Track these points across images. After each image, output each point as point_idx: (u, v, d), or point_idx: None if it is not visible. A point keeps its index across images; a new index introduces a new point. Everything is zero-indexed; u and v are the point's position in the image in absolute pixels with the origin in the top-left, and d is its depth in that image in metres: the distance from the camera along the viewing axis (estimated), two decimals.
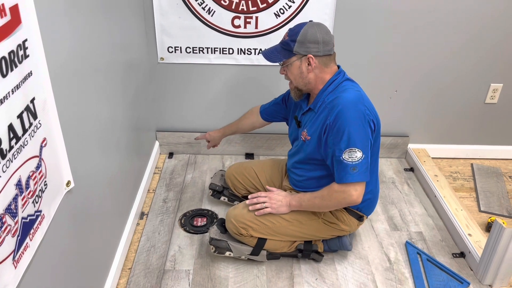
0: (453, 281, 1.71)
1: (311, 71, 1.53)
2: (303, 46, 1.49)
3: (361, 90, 1.56)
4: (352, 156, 1.44)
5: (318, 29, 1.50)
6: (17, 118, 0.87)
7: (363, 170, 1.46)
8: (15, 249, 0.89)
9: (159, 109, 2.40)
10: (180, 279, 1.68)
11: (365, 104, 1.49)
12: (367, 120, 1.46)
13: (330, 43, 1.52)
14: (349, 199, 1.48)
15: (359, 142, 1.44)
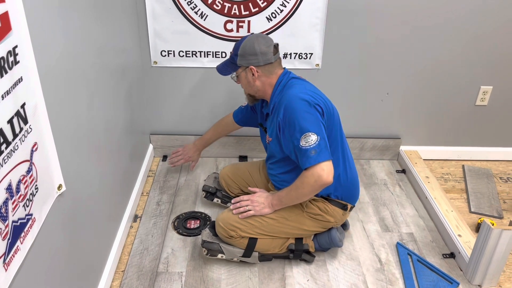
0: (443, 282, 1.73)
1: (256, 79, 1.66)
2: (244, 59, 1.64)
3: (306, 83, 1.67)
4: (308, 140, 1.50)
5: (256, 42, 1.63)
6: (7, 123, 0.89)
7: (322, 150, 1.50)
8: (6, 252, 0.90)
9: (153, 113, 2.41)
10: (173, 281, 1.70)
11: (308, 93, 1.58)
12: (312, 106, 1.55)
13: (269, 52, 1.63)
14: (320, 179, 1.51)
15: (311, 126, 1.51)
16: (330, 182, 1.52)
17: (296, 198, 1.63)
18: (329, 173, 1.51)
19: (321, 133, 1.52)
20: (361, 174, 2.42)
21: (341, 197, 1.73)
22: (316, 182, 1.52)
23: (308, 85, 1.67)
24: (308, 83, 1.69)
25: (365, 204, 2.17)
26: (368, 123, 2.48)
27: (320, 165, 1.50)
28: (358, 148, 2.52)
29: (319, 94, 1.64)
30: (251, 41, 1.63)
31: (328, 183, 1.52)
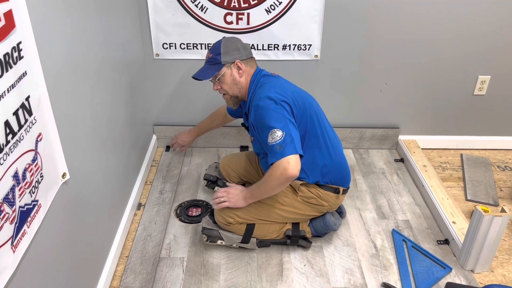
0: (436, 267, 1.78)
1: (242, 74, 1.73)
2: (228, 55, 1.70)
3: (276, 80, 1.72)
4: (274, 136, 1.55)
5: (234, 39, 1.74)
6: (13, 115, 0.95)
7: (288, 145, 1.53)
8: (13, 235, 0.97)
9: (156, 104, 2.47)
10: (175, 266, 1.77)
11: (276, 91, 1.63)
12: (278, 103, 1.59)
13: (248, 48, 1.76)
14: (285, 172, 1.53)
15: (276, 123, 1.56)
16: (296, 175, 1.54)
17: (266, 192, 1.67)
18: (294, 166, 1.53)
19: (287, 129, 1.55)
20: (360, 163, 2.46)
21: (331, 182, 1.78)
22: (282, 175, 1.55)
23: (278, 82, 1.71)
24: (277, 80, 1.73)
25: (363, 192, 2.22)
26: (367, 113, 2.52)
27: (286, 158, 1.53)
28: (357, 137, 2.56)
29: (288, 89, 1.67)
30: (229, 39, 1.73)
31: (293, 176, 1.55)
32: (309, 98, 1.75)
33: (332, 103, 2.47)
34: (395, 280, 1.72)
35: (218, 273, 1.74)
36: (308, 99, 1.74)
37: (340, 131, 2.53)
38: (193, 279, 1.71)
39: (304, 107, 1.68)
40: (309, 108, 1.70)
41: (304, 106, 1.68)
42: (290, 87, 1.72)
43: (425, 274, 1.74)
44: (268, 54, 2.30)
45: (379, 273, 1.75)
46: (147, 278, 1.71)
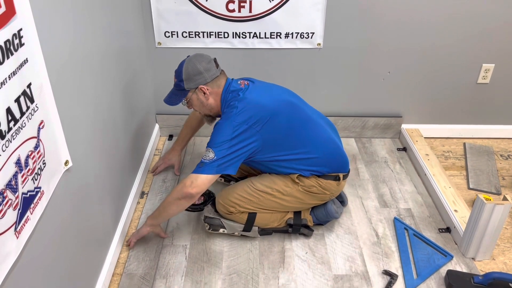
0: (437, 254, 1.79)
1: (208, 97, 1.70)
2: (191, 82, 1.66)
3: (240, 98, 1.65)
4: (206, 155, 1.59)
5: (196, 61, 1.66)
6: (14, 102, 0.95)
7: (208, 167, 1.57)
8: (17, 221, 0.98)
9: (158, 93, 2.47)
10: (178, 253, 1.78)
11: (237, 112, 1.60)
12: (232, 126, 1.59)
13: (212, 68, 1.68)
14: (184, 188, 1.58)
15: (216, 146, 1.58)
16: (192, 194, 1.57)
17: (164, 208, 1.68)
18: (195, 186, 1.56)
19: (220, 154, 1.57)
20: (362, 152, 2.46)
21: (329, 171, 1.77)
22: (181, 189, 1.59)
23: (243, 100, 1.63)
24: (244, 96, 1.65)
25: (365, 181, 2.22)
26: (369, 102, 2.51)
27: (194, 175, 1.58)
28: (360, 126, 2.56)
29: (253, 105, 1.62)
30: (191, 63, 1.66)
31: (189, 195, 1.57)
32: (284, 100, 1.71)
33: (334, 92, 2.46)
34: (396, 268, 1.73)
35: (221, 260, 1.75)
36: (283, 101, 1.70)
37: (343, 120, 2.53)
38: (196, 266, 1.72)
39: (275, 114, 1.64)
40: (284, 112, 1.67)
41: (275, 113, 1.64)
42: (259, 98, 1.65)
43: (426, 261, 1.75)
44: (270, 42, 2.29)
45: (380, 260, 1.76)
46: (150, 265, 1.72)
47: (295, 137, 1.71)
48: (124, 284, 1.65)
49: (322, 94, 2.46)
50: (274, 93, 1.74)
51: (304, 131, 1.73)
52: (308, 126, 1.75)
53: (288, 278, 1.69)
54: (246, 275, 1.69)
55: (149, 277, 1.67)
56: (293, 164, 1.74)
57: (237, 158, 1.60)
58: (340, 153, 1.82)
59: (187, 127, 2.20)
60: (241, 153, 1.61)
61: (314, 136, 1.75)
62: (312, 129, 1.76)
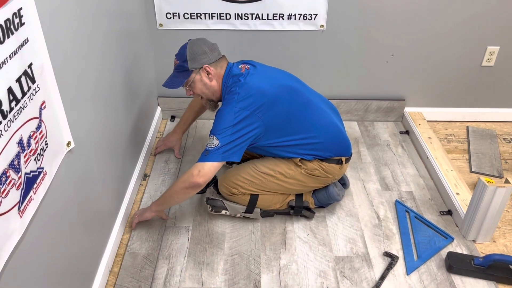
0: (438, 237, 1.80)
1: (212, 79, 1.69)
2: (195, 61, 1.65)
3: (241, 83, 1.63)
4: (210, 142, 1.58)
5: (200, 42, 1.67)
6: (15, 82, 0.95)
7: (214, 154, 1.56)
8: (20, 201, 0.98)
9: (160, 75, 2.45)
10: (180, 234, 1.80)
11: (239, 98, 1.59)
12: (233, 112, 1.57)
13: (216, 48, 1.69)
14: (191, 178, 1.57)
15: (219, 132, 1.57)
16: (199, 184, 1.57)
17: (169, 196, 1.67)
18: (202, 175, 1.55)
19: (224, 140, 1.56)
20: (365, 135, 2.46)
21: (331, 155, 1.77)
22: (188, 178, 1.58)
23: (245, 84, 1.62)
24: (245, 80, 1.63)
25: (367, 164, 2.22)
26: (372, 85, 2.49)
27: (200, 164, 1.57)
28: (363, 109, 2.55)
29: (254, 90, 1.61)
30: (195, 43, 1.66)
31: (196, 184, 1.57)
32: (285, 85, 1.69)
33: (337, 75, 2.45)
34: (397, 250, 1.74)
35: (223, 242, 1.77)
36: (284, 86, 1.68)
37: (345, 103, 2.52)
38: (198, 247, 1.74)
39: (276, 100, 1.63)
40: (285, 98, 1.66)
41: (276, 99, 1.63)
42: (260, 84, 1.63)
43: (427, 243, 1.76)
44: (273, 24, 2.27)
45: (381, 242, 1.77)
46: (153, 246, 1.74)
47: (297, 122, 1.70)
48: (127, 263, 1.67)
49: (324, 77, 2.45)
50: (275, 78, 1.72)
51: (306, 116, 1.72)
52: (310, 111, 1.74)
53: (290, 259, 1.70)
54: (248, 256, 1.71)
55: (152, 258, 1.69)
56: (296, 149, 1.73)
57: (241, 145, 1.59)
58: (342, 137, 1.82)
59: (190, 110, 2.19)
60: (244, 139, 1.60)
61: (316, 121, 1.75)
62: (314, 113, 1.75)
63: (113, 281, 1.60)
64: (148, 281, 1.60)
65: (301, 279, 1.62)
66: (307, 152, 1.74)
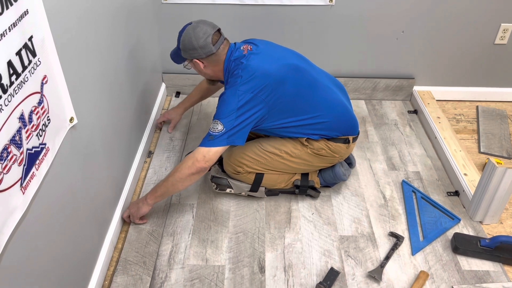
0: (445, 217, 1.78)
1: (202, 70, 1.68)
2: (186, 53, 1.64)
3: (243, 65, 1.58)
4: (214, 127, 1.55)
5: (193, 35, 1.59)
6: (15, 55, 0.92)
7: (219, 139, 1.54)
8: (22, 177, 0.97)
9: (165, 51, 2.41)
10: (185, 211, 1.79)
11: (241, 81, 1.55)
12: (236, 96, 1.54)
13: (208, 45, 1.59)
14: (196, 163, 1.54)
15: (223, 116, 1.55)
16: (205, 168, 1.56)
17: (172, 184, 1.60)
18: (207, 160, 1.55)
19: (229, 125, 1.53)
20: (372, 114, 2.42)
21: (338, 134, 1.74)
22: (193, 164, 1.55)
23: (247, 67, 1.57)
24: (247, 62, 1.59)
25: (374, 143, 2.19)
26: (381, 63, 2.44)
27: (205, 149, 1.55)
28: (371, 88, 2.50)
29: (257, 72, 1.56)
30: (188, 36, 1.59)
31: (203, 169, 1.56)
32: (289, 65, 1.64)
33: (345, 52, 2.39)
34: (403, 230, 1.73)
35: (227, 220, 1.76)
36: (289, 65, 1.63)
37: (353, 81, 2.47)
38: (203, 225, 1.74)
39: (280, 81, 1.59)
40: (290, 78, 1.61)
41: (280, 80, 1.59)
42: (263, 65, 1.58)
43: (433, 224, 1.74)
44: None
45: (386, 222, 1.76)
46: (158, 222, 1.74)
47: (302, 102, 1.66)
48: (131, 237, 1.67)
49: (332, 54, 2.39)
50: (279, 57, 1.67)
51: (312, 95, 1.68)
52: (316, 90, 1.69)
53: (294, 237, 1.70)
54: (253, 234, 1.71)
55: (156, 234, 1.69)
56: (302, 129, 1.70)
57: (245, 129, 1.57)
58: (349, 116, 1.78)
59: (197, 89, 2.17)
60: (248, 122, 1.57)
61: (323, 100, 1.71)
62: (320, 92, 1.71)
63: (116, 257, 1.61)
64: (152, 257, 1.61)
65: (305, 258, 1.62)
66: (314, 132, 1.71)
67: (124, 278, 1.53)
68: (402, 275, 1.56)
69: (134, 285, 1.51)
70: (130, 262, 1.59)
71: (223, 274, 1.56)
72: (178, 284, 1.52)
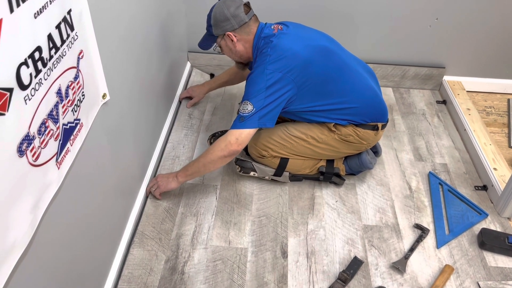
0: (472, 212, 1.75)
1: (236, 44, 1.65)
2: (218, 28, 1.61)
3: (273, 44, 1.55)
4: (245, 108, 1.53)
5: (224, 6, 1.58)
6: (55, 28, 0.91)
7: (250, 120, 1.53)
8: (58, 152, 0.97)
9: (191, 29, 2.38)
10: (208, 192, 1.79)
11: (270, 60, 1.52)
12: (265, 75, 1.52)
13: (240, 13, 1.59)
14: (229, 146, 1.54)
15: (252, 97, 1.53)
16: (238, 151, 1.55)
17: (203, 165, 1.60)
18: (240, 143, 1.54)
19: (259, 105, 1.51)
20: (400, 103, 2.37)
21: (366, 121, 1.70)
22: (226, 147, 1.54)
23: (276, 46, 1.54)
24: (278, 41, 1.56)
25: (401, 133, 2.15)
26: (412, 50, 2.37)
27: (237, 131, 1.54)
28: (399, 75, 2.44)
29: (287, 52, 1.53)
30: (219, 8, 1.59)
31: (235, 152, 1.55)
32: (319, 46, 1.60)
33: (375, 37, 2.33)
34: (428, 222, 1.70)
35: (250, 203, 1.76)
36: (319, 47, 1.59)
37: (382, 68, 2.41)
38: (226, 207, 1.73)
39: (310, 62, 1.55)
40: (319, 60, 1.57)
41: (310, 61, 1.55)
42: (292, 45, 1.55)
43: (459, 218, 1.71)
44: None
45: (412, 214, 1.74)
46: (174, 201, 1.74)
47: (332, 85, 1.63)
48: (149, 211, 1.68)
49: (362, 38, 2.33)
50: (309, 38, 1.63)
51: (342, 79, 1.64)
52: (346, 74, 1.65)
53: (317, 224, 1.68)
54: (275, 218, 1.70)
55: (172, 212, 1.69)
56: (330, 114, 1.67)
57: (275, 111, 1.55)
58: (379, 101, 1.74)
59: (226, 73, 2.16)
60: (278, 103, 1.55)
61: (352, 84, 1.67)
62: (350, 76, 1.66)
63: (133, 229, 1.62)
64: (168, 235, 1.61)
65: (328, 245, 1.61)
66: (342, 117, 1.68)
67: (140, 251, 1.54)
68: (426, 267, 1.54)
69: (150, 261, 1.52)
70: (147, 236, 1.59)
71: (246, 256, 1.56)
72: (201, 264, 1.53)
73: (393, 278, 1.51)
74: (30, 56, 0.82)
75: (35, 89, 0.84)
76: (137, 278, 1.46)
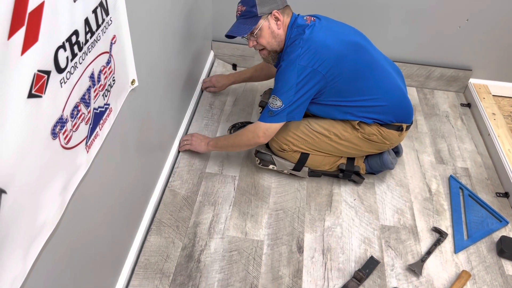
0: (492, 219, 1.72)
1: (280, 26, 1.59)
2: (265, 5, 1.55)
3: (305, 36, 1.53)
4: (274, 102, 1.56)
5: None
6: (92, 12, 0.91)
7: (279, 115, 1.56)
8: (88, 136, 0.98)
9: (217, 18, 2.37)
10: (226, 183, 1.80)
11: (302, 52, 1.51)
12: (296, 70, 1.51)
13: None
14: (256, 137, 1.62)
15: (282, 93, 1.54)
16: (263, 143, 1.64)
17: (231, 146, 1.73)
18: (267, 137, 1.61)
19: (288, 101, 1.54)
20: (423, 104, 2.34)
21: (392, 121, 1.68)
22: (253, 138, 1.62)
23: (309, 39, 1.52)
24: (310, 33, 1.53)
25: (423, 134, 2.13)
26: (439, 50, 2.33)
27: (266, 125, 1.59)
28: (424, 76, 2.41)
29: (320, 45, 1.51)
30: None
31: (260, 143, 1.64)
32: (351, 42, 1.58)
33: (402, 35, 2.29)
34: (447, 226, 1.69)
35: (268, 196, 1.76)
36: (350, 42, 1.57)
37: (407, 67, 2.38)
38: (244, 198, 1.74)
39: (341, 57, 1.53)
40: (350, 55, 1.55)
41: (341, 56, 1.53)
42: (324, 39, 1.53)
43: (479, 224, 1.69)
44: None
45: (430, 217, 1.72)
46: (192, 189, 1.75)
47: (362, 82, 1.61)
48: (167, 199, 1.69)
49: (388, 35, 2.30)
50: (341, 33, 1.61)
51: (372, 76, 1.62)
52: (376, 71, 1.63)
53: (334, 221, 1.68)
54: (293, 213, 1.70)
55: (190, 201, 1.70)
56: (356, 111, 1.65)
57: (303, 104, 1.57)
58: (406, 102, 1.72)
59: (252, 68, 2.11)
60: (307, 97, 1.55)
61: (381, 83, 1.64)
62: (380, 75, 1.64)
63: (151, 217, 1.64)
64: (186, 223, 1.62)
65: (344, 243, 1.61)
66: (368, 115, 1.66)
67: (157, 238, 1.56)
68: (443, 272, 1.53)
69: (166, 248, 1.53)
70: (164, 224, 1.61)
71: (262, 249, 1.57)
72: (217, 253, 1.54)
73: (409, 280, 1.50)
74: (68, 39, 0.82)
75: (71, 73, 0.85)
76: (153, 265, 1.48)
